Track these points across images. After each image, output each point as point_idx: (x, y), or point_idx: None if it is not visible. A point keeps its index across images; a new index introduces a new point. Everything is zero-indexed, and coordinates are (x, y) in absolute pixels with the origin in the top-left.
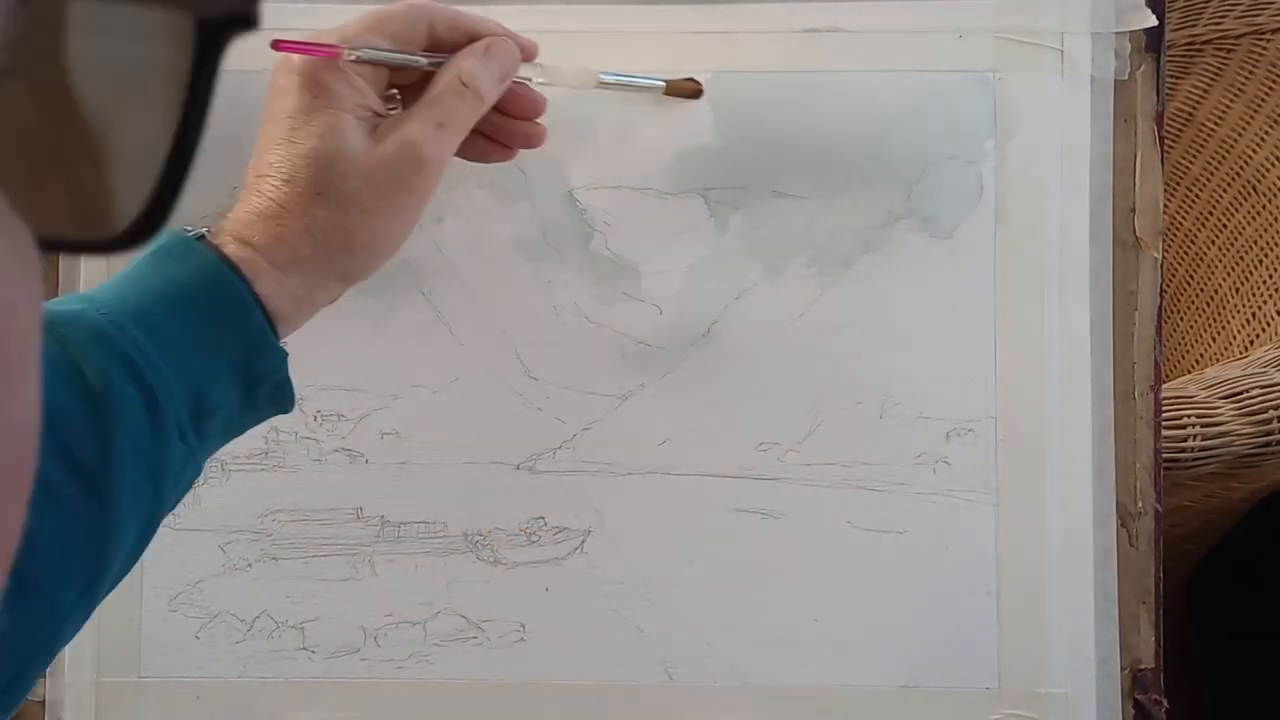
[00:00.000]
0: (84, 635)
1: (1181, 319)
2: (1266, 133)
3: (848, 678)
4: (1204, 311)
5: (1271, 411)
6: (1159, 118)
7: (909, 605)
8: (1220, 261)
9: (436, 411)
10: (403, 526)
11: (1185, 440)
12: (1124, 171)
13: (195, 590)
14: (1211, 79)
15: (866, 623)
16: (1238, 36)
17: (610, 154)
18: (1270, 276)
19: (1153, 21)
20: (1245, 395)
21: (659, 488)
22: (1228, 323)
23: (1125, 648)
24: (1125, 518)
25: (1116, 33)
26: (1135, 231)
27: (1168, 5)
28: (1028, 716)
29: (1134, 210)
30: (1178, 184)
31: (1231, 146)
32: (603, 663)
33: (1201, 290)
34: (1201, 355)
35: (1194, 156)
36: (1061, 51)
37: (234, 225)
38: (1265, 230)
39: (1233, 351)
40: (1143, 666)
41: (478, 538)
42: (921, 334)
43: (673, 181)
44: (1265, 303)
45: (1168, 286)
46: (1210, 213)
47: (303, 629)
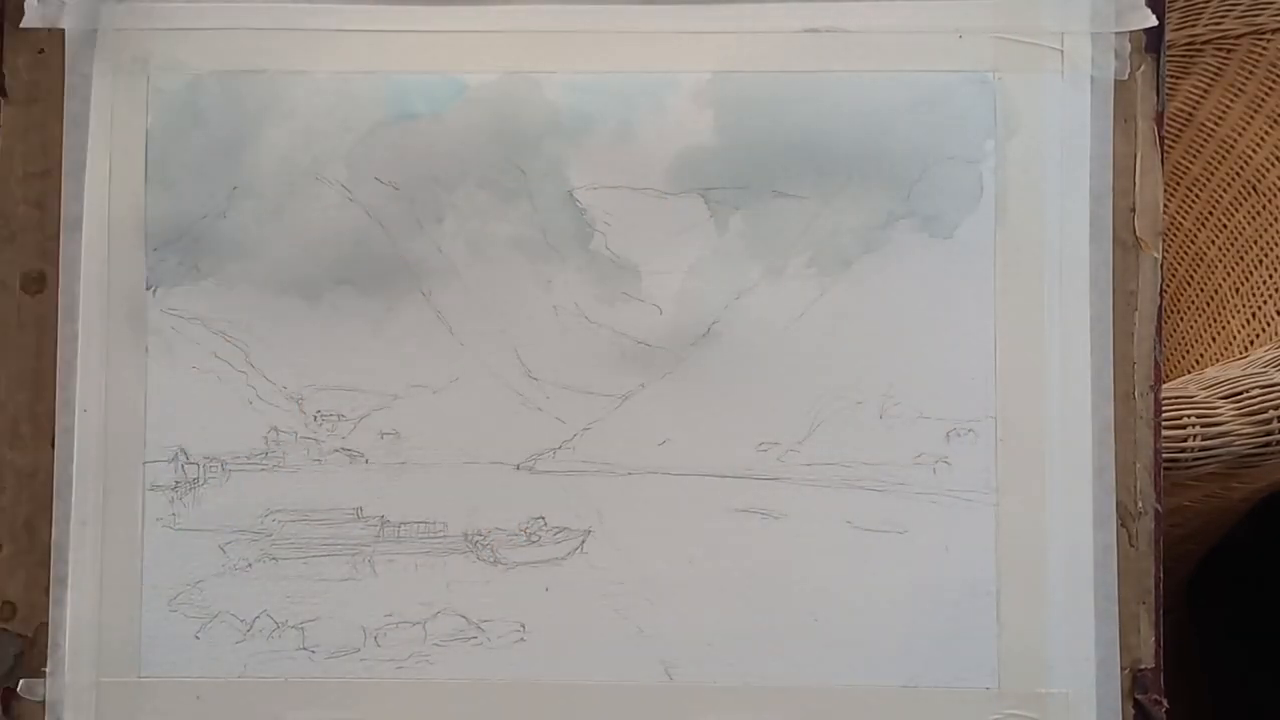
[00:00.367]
0: (83, 636)
1: (1181, 319)
2: (1266, 133)
3: (848, 678)
4: (1204, 311)
5: (1271, 411)
6: (1159, 118)
7: (909, 605)
8: (1220, 261)
9: (436, 411)
10: (403, 526)
11: (1185, 440)
12: (1124, 171)
13: (195, 590)
14: (1211, 79)
15: (866, 623)
16: (1238, 36)
17: (610, 154)
18: (1270, 276)
19: (1153, 21)
20: (1245, 395)
21: (659, 488)
22: (1228, 323)
23: (1125, 648)
24: (1125, 518)
25: (1116, 33)
26: (1135, 231)
27: (1168, 5)
28: (1027, 716)
29: (1134, 210)
30: (1178, 184)
31: (1231, 146)
32: (603, 663)
33: (1201, 290)
34: (1201, 355)
35: (1194, 156)
36: (1061, 51)
37: None
38: (1265, 230)
39: (1233, 351)
40: (1143, 666)
41: (478, 538)
42: (921, 334)
43: (673, 181)
44: (1265, 303)
45: (1168, 286)
46: (1210, 213)
47: (303, 629)
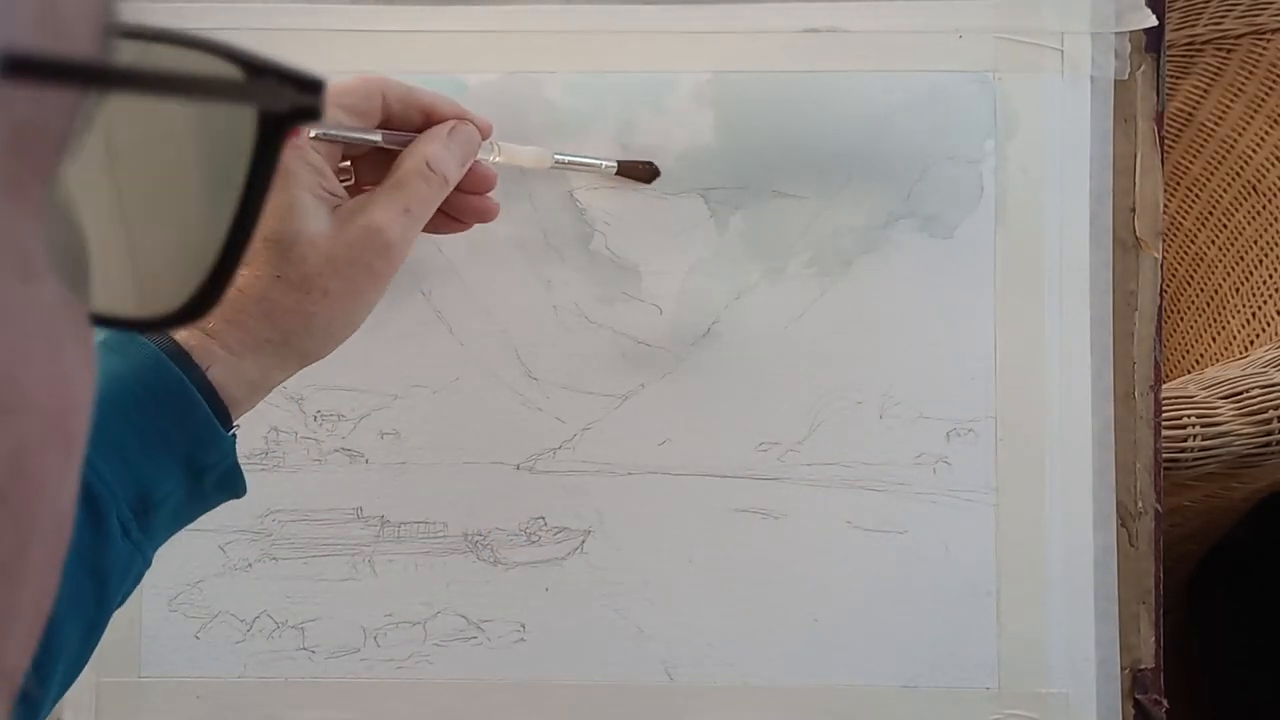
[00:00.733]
0: None
1: (1181, 319)
2: (1266, 133)
3: (848, 678)
4: (1204, 311)
5: (1271, 411)
6: (1159, 118)
7: (909, 605)
8: (1220, 261)
9: (436, 411)
10: (403, 526)
11: (1185, 440)
12: (1124, 171)
13: (195, 590)
14: (1211, 79)
15: (866, 623)
16: (1238, 36)
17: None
18: (1270, 276)
19: (1153, 21)
20: (1245, 395)
21: (659, 488)
22: (1228, 323)
23: (1125, 648)
24: (1125, 518)
25: (1116, 33)
26: (1135, 231)
27: (1168, 5)
28: (1028, 716)
29: (1134, 210)
30: (1178, 184)
31: (1231, 146)
32: (603, 663)
33: (1201, 290)
34: (1201, 355)
35: (1194, 156)
36: (1061, 51)
37: None
38: (1265, 230)
39: (1233, 351)
40: (1143, 666)
41: (478, 538)
42: (921, 334)
43: (673, 181)
44: (1265, 303)
45: (1168, 286)
46: (1210, 213)
47: (303, 629)
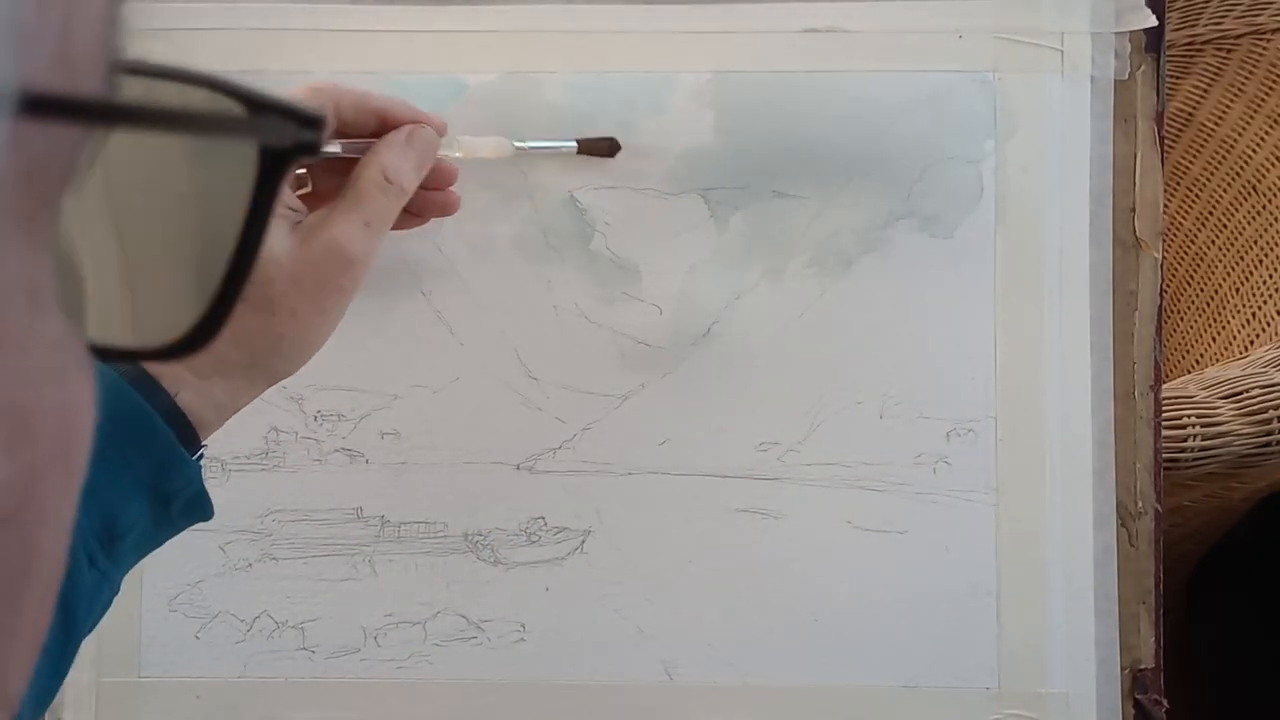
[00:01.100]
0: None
1: (1181, 319)
2: (1266, 133)
3: (848, 678)
4: (1204, 311)
5: (1271, 411)
6: (1159, 118)
7: (909, 605)
8: (1220, 261)
9: (436, 411)
10: (403, 526)
11: (1185, 440)
12: (1124, 171)
13: (195, 590)
14: (1211, 79)
15: (866, 623)
16: (1238, 36)
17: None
18: (1270, 276)
19: (1153, 21)
20: (1245, 395)
21: (659, 488)
22: (1228, 323)
23: (1125, 648)
24: (1125, 518)
25: (1116, 33)
26: (1135, 231)
27: (1168, 5)
28: (1028, 716)
29: (1134, 210)
30: (1178, 184)
31: (1231, 146)
32: (603, 663)
33: (1201, 290)
34: (1201, 355)
35: (1194, 156)
36: (1061, 51)
37: None
38: (1265, 230)
39: (1233, 351)
40: (1143, 666)
41: (478, 538)
42: (921, 334)
43: (673, 181)
44: (1265, 303)
45: (1168, 286)
46: (1210, 213)
47: (303, 629)
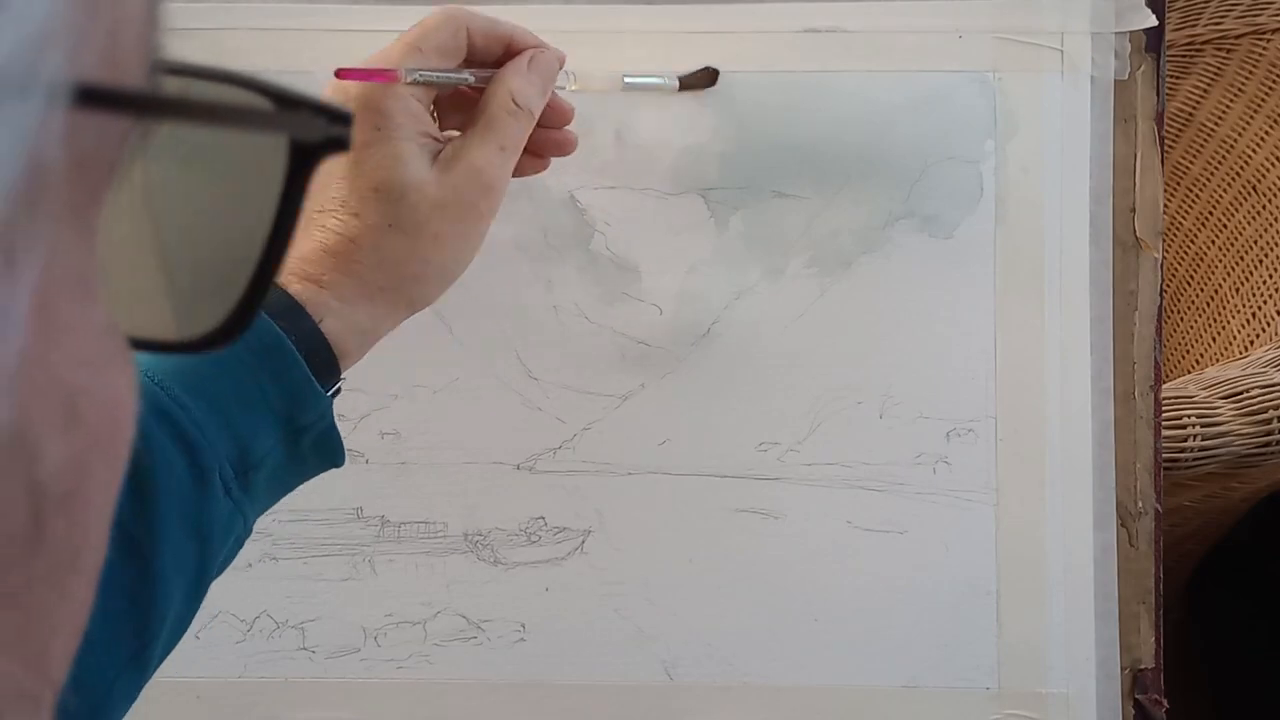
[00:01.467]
0: None
1: (1181, 319)
2: (1266, 133)
3: (848, 678)
4: (1204, 311)
5: (1271, 411)
6: (1159, 118)
7: (909, 605)
8: (1220, 261)
9: (436, 411)
10: (403, 526)
11: (1185, 440)
12: (1124, 171)
13: None
14: (1211, 79)
15: (866, 623)
16: (1238, 36)
17: (610, 154)
18: (1270, 276)
19: (1153, 21)
20: (1245, 395)
21: (659, 488)
22: (1228, 323)
23: (1125, 648)
24: (1125, 518)
25: (1116, 33)
26: (1135, 231)
27: (1168, 5)
28: (1028, 716)
29: (1134, 210)
30: (1178, 184)
31: (1231, 146)
32: (603, 663)
33: (1201, 290)
34: (1201, 355)
35: (1194, 156)
36: (1061, 51)
37: (299, 263)
38: (1265, 230)
39: (1233, 351)
40: (1143, 666)
41: (478, 538)
42: (921, 334)
43: (673, 181)
44: (1265, 303)
45: (1168, 286)
46: (1210, 213)
47: (303, 629)
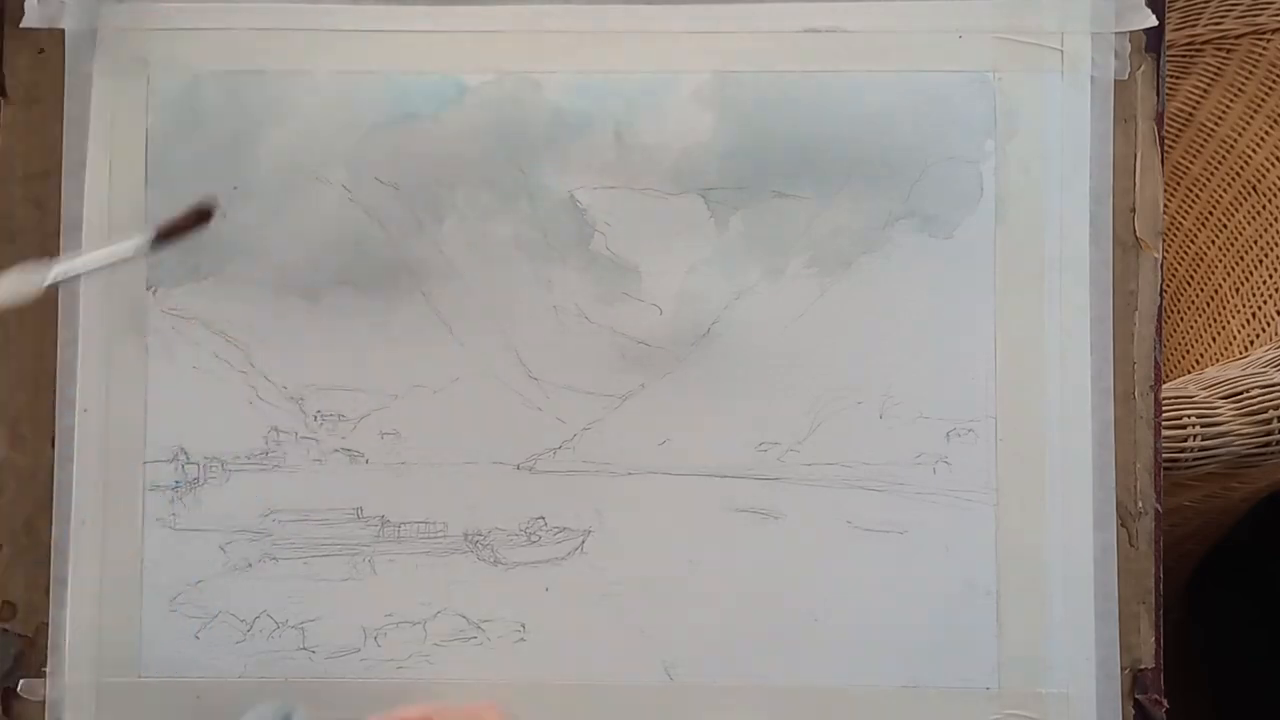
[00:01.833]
0: (84, 636)
1: (1181, 319)
2: (1266, 133)
3: (848, 678)
4: (1204, 311)
5: (1271, 411)
6: (1159, 118)
7: (909, 605)
8: (1220, 261)
9: (436, 411)
10: (403, 526)
11: (1185, 440)
12: (1124, 171)
13: (195, 590)
14: (1211, 79)
15: (866, 623)
16: (1238, 36)
17: (610, 154)
18: (1270, 276)
19: (1153, 21)
20: (1245, 395)
21: (659, 488)
22: (1228, 323)
23: (1125, 648)
24: (1125, 517)
25: (1116, 32)
26: (1135, 231)
27: (1168, 5)
28: (1027, 716)
29: (1134, 210)
30: (1178, 184)
31: (1231, 146)
32: (603, 663)
33: (1201, 290)
34: (1201, 355)
35: (1194, 156)
36: (1061, 51)
37: None
38: (1265, 230)
39: (1233, 351)
40: (1143, 666)
41: (478, 538)
42: (921, 334)
43: (673, 181)
44: (1265, 303)
45: (1168, 286)
46: (1210, 213)
47: (303, 629)
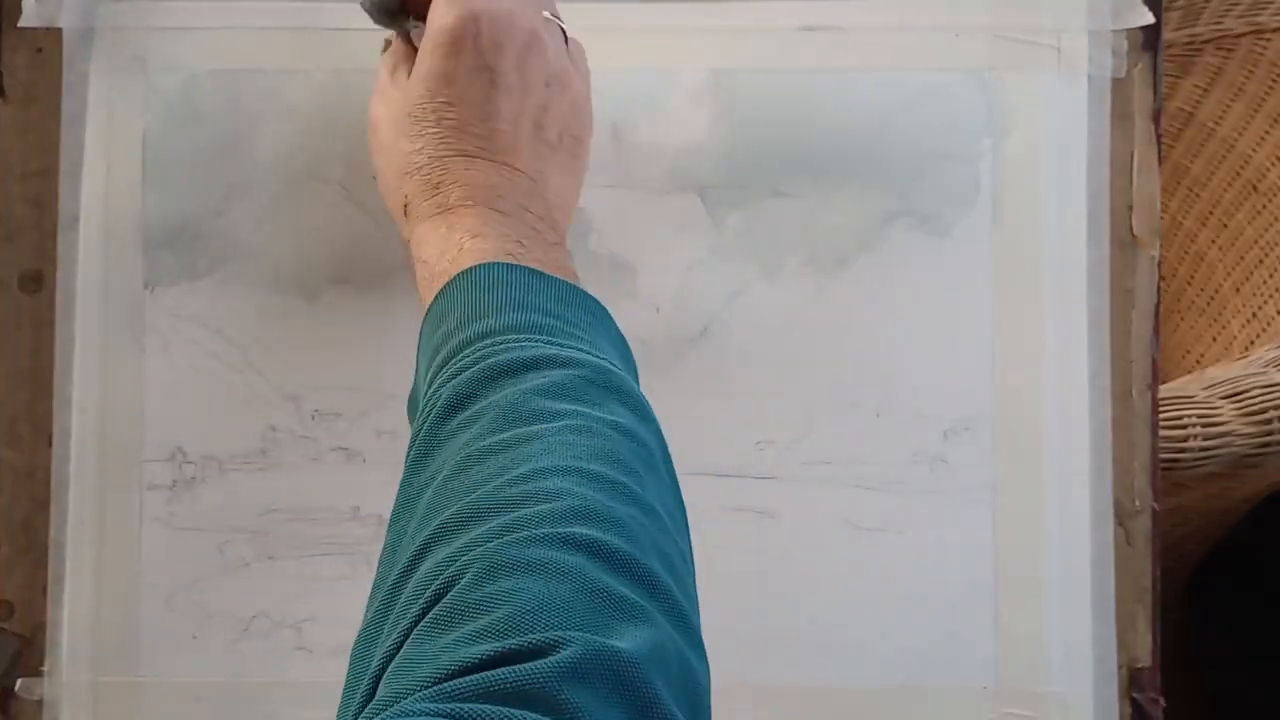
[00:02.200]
0: (81, 635)
1: (1181, 319)
2: (1266, 133)
3: (846, 677)
4: (1204, 311)
5: (1271, 411)
6: (1156, 116)
7: (906, 604)
8: (1220, 261)
9: None
10: None
11: (1185, 440)
12: (1121, 169)
13: (192, 590)
14: (1211, 79)
15: (865, 622)
16: (1238, 36)
17: (607, 153)
18: (1270, 276)
19: (1150, 19)
20: (1245, 395)
21: None
22: (1228, 323)
23: (1122, 646)
24: (1122, 516)
25: (1113, 30)
26: (1132, 230)
27: (1167, 4)
28: (1025, 715)
29: (1131, 208)
30: (1178, 184)
31: (1231, 146)
32: None
33: (1201, 290)
34: (1201, 355)
35: (1194, 156)
36: (1058, 49)
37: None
38: (1265, 230)
39: (1233, 351)
40: (1139, 665)
41: None
42: (919, 332)
43: (670, 180)
44: (1265, 303)
45: (1167, 286)
46: (1210, 213)
47: (300, 628)
